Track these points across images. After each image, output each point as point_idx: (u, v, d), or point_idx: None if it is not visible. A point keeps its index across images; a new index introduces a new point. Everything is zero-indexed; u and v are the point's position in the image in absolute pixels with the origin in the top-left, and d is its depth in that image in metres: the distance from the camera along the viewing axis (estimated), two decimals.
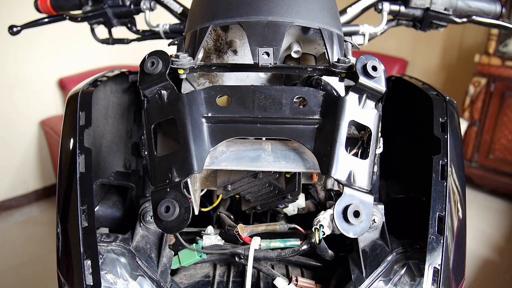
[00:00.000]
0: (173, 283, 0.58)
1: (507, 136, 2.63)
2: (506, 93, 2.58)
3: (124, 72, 0.81)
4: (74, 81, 2.53)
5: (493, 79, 2.60)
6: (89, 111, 0.63)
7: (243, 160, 0.53)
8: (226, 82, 0.65)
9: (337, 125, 0.47)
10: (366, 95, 0.49)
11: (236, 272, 0.64)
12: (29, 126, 2.58)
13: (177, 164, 0.47)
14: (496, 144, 2.67)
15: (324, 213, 0.55)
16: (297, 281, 0.59)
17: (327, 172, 0.46)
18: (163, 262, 0.58)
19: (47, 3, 0.88)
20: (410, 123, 0.75)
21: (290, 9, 0.55)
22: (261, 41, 0.51)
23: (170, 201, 0.45)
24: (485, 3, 0.85)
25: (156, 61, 0.49)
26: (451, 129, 0.63)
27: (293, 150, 0.53)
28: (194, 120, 0.48)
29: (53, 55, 2.57)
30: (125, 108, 0.78)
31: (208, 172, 0.65)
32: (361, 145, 0.56)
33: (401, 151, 0.73)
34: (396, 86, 0.82)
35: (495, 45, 2.58)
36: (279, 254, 0.60)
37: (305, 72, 0.54)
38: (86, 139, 0.58)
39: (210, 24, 0.54)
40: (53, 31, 1.39)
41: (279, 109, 0.49)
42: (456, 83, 3.14)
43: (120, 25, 0.92)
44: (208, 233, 0.65)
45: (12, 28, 0.91)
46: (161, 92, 0.49)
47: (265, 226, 0.65)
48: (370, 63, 0.49)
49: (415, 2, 0.84)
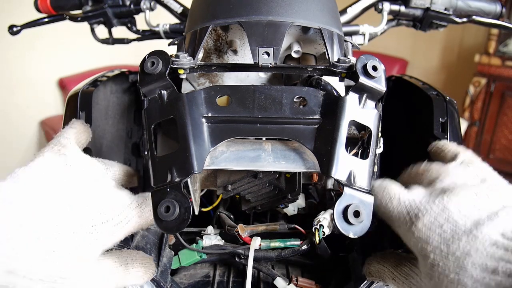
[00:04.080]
0: (173, 283, 0.58)
1: (507, 136, 2.63)
2: (506, 93, 2.58)
3: (124, 72, 0.81)
4: (74, 81, 2.53)
5: (493, 79, 2.60)
6: (89, 111, 0.63)
7: (243, 160, 0.53)
8: (226, 82, 0.65)
9: (337, 125, 0.47)
10: (366, 95, 0.49)
11: (236, 272, 0.64)
12: (29, 126, 2.58)
13: (177, 164, 0.47)
14: (496, 144, 2.67)
15: (324, 213, 0.55)
16: (297, 281, 0.59)
17: (327, 172, 0.46)
18: (163, 262, 0.58)
19: (47, 3, 0.88)
20: (410, 123, 0.75)
21: (290, 9, 0.55)
22: (261, 41, 0.51)
23: (170, 201, 0.45)
24: (485, 3, 0.85)
25: (156, 61, 0.49)
26: (451, 129, 0.63)
27: (293, 150, 0.53)
28: (194, 120, 0.48)
29: (53, 55, 2.57)
30: (125, 108, 0.78)
31: (208, 172, 0.65)
32: (361, 145, 0.56)
33: (401, 151, 0.73)
34: (396, 86, 0.82)
35: (495, 45, 2.58)
36: (279, 254, 0.60)
37: (305, 72, 0.54)
38: None
39: (210, 24, 0.54)
40: (53, 31, 1.39)
41: (279, 109, 0.49)
42: (456, 83, 3.14)
43: (120, 25, 0.92)
44: (208, 233, 0.65)
45: (12, 28, 0.91)
46: (161, 92, 0.49)
47: (265, 226, 0.65)
48: (370, 63, 0.49)
49: (415, 2, 0.84)
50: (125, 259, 0.47)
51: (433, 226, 0.42)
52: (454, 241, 0.40)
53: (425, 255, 0.42)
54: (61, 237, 0.39)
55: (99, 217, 0.44)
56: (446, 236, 0.41)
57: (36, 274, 0.36)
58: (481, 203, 0.42)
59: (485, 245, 0.38)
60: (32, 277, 0.36)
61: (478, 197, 0.43)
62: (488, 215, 0.40)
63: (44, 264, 0.37)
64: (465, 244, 0.39)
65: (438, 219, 0.42)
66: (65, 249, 0.39)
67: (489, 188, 0.44)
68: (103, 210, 0.44)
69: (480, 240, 0.38)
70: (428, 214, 0.43)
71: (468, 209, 0.42)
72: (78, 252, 0.40)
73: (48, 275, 0.37)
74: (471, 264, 0.37)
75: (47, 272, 0.37)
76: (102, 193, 0.47)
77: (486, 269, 0.36)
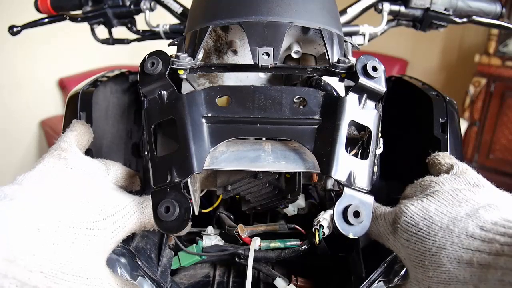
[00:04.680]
0: (173, 283, 0.58)
1: (507, 136, 2.63)
2: (506, 93, 2.58)
3: (124, 72, 0.81)
4: (74, 81, 2.53)
5: (493, 79, 2.60)
6: (90, 111, 0.63)
7: (243, 160, 0.53)
8: (226, 82, 0.65)
9: (337, 126, 0.47)
10: (366, 95, 0.49)
11: (236, 273, 0.64)
12: (29, 126, 2.58)
13: (177, 164, 0.47)
14: (496, 144, 2.67)
15: (324, 213, 0.55)
16: (297, 281, 0.59)
17: (327, 172, 0.47)
18: (163, 262, 0.58)
19: (47, 3, 0.88)
20: (410, 123, 0.75)
21: (290, 9, 0.55)
22: (261, 42, 0.51)
23: (170, 201, 0.45)
24: (485, 3, 0.85)
25: (156, 61, 0.49)
26: (451, 129, 0.63)
27: (293, 151, 0.53)
28: (194, 120, 0.48)
29: (53, 55, 2.57)
30: (125, 108, 0.78)
31: (208, 172, 0.65)
32: (361, 146, 0.56)
33: (401, 151, 0.73)
34: (396, 86, 0.82)
35: (495, 45, 2.58)
36: (279, 254, 0.60)
37: (305, 73, 0.54)
38: None
39: (210, 24, 0.54)
40: (53, 31, 1.39)
41: (279, 110, 0.49)
42: (456, 83, 3.13)
43: (120, 25, 0.92)
44: (208, 233, 0.65)
45: (12, 28, 0.91)
46: (161, 92, 0.49)
47: (265, 227, 0.65)
48: (370, 63, 0.49)
49: (415, 2, 0.84)
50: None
51: (409, 226, 0.42)
52: (430, 237, 0.39)
53: (408, 259, 0.41)
54: (61, 231, 0.39)
55: (100, 214, 0.44)
56: (422, 234, 0.40)
57: (36, 266, 0.36)
58: (461, 203, 0.41)
59: (461, 238, 0.37)
60: (32, 269, 0.35)
61: (458, 197, 0.42)
62: (467, 212, 0.39)
63: (44, 256, 0.37)
64: (440, 239, 0.38)
65: (415, 218, 0.42)
66: (65, 243, 0.39)
67: (472, 190, 0.43)
68: (104, 207, 0.45)
69: (456, 233, 0.38)
70: (405, 215, 0.43)
71: (447, 208, 0.41)
72: (78, 248, 0.40)
73: (49, 268, 0.37)
74: (447, 258, 0.37)
75: (47, 265, 0.37)
76: (103, 191, 0.47)
77: (461, 261, 0.36)
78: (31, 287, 0.35)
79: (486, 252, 0.35)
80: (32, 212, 0.38)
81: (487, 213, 0.38)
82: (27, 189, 0.41)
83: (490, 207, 0.39)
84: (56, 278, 0.37)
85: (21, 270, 0.35)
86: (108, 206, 0.45)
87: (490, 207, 0.39)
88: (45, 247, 0.37)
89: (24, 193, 0.40)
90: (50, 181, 0.44)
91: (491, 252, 0.34)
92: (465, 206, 0.41)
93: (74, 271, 0.39)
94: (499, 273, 0.32)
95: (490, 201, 0.41)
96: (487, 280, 0.33)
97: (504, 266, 0.32)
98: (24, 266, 0.35)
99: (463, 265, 0.36)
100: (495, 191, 0.44)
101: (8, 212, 0.37)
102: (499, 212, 0.38)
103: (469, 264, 0.35)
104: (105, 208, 0.45)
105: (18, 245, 0.35)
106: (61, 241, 0.39)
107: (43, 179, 0.44)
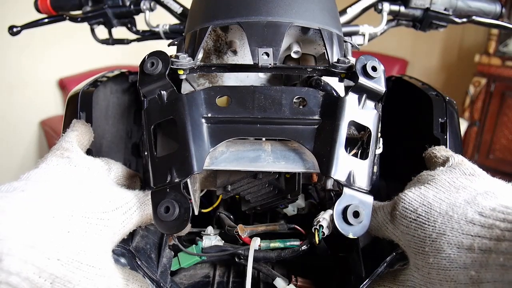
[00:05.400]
0: (173, 284, 0.58)
1: (507, 136, 2.63)
2: (506, 93, 2.58)
3: (124, 72, 0.81)
4: (74, 81, 2.53)
5: (493, 79, 2.60)
6: (90, 111, 0.63)
7: (243, 160, 0.53)
8: (226, 82, 0.65)
9: (337, 126, 0.47)
10: (366, 95, 0.49)
11: (236, 273, 0.64)
12: (29, 126, 2.58)
13: (177, 164, 0.47)
14: (496, 144, 2.67)
15: (324, 214, 0.55)
16: (297, 281, 0.59)
17: (326, 172, 0.47)
18: (163, 262, 0.58)
19: (47, 3, 0.88)
20: (410, 123, 0.75)
21: (289, 9, 0.55)
22: (260, 42, 0.51)
23: (170, 201, 0.45)
24: (485, 3, 0.85)
25: (156, 61, 0.49)
26: (451, 129, 0.63)
27: (293, 151, 0.53)
28: (194, 120, 0.48)
29: (53, 55, 2.57)
30: (125, 109, 0.78)
31: (208, 172, 0.65)
32: (361, 146, 0.56)
33: (401, 151, 0.73)
34: (396, 86, 0.82)
35: (495, 45, 2.58)
36: (279, 254, 0.60)
37: (305, 73, 0.54)
38: None
39: (209, 24, 0.54)
40: (53, 31, 1.39)
41: (279, 110, 0.49)
42: (456, 83, 3.13)
43: (120, 25, 0.92)
44: (208, 233, 0.65)
45: (12, 29, 0.91)
46: (161, 92, 0.49)
47: (265, 227, 0.65)
48: (369, 63, 0.49)
49: (415, 2, 0.84)
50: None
51: (407, 212, 0.42)
52: (430, 223, 0.39)
53: (408, 246, 0.42)
54: (75, 220, 0.40)
55: (109, 205, 0.45)
56: (421, 220, 0.40)
57: (53, 253, 0.36)
58: (458, 190, 0.41)
59: (461, 223, 0.37)
60: (50, 256, 0.36)
61: (456, 184, 0.42)
62: (465, 199, 0.40)
63: (61, 243, 0.37)
64: (440, 225, 0.38)
65: (413, 204, 0.42)
66: (79, 232, 0.40)
67: (468, 179, 0.43)
68: (112, 199, 0.46)
69: (455, 219, 0.38)
70: (403, 201, 0.43)
71: (445, 194, 0.41)
72: (91, 237, 0.41)
73: (65, 255, 0.37)
74: (447, 244, 0.37)
75: (64, 252, 0.37)
76: (109, 186, 0.48)
77: (462, 247, 0.36)
78: (48, 274, 0.35)
79: (486, 238, 0.35)
80: (45, 201, 0.39)
81: (485, 200, 0.39)
82: (36, 182, 0.42)
83: (488, 194, 0.39)
84: (71, 266, 0.38)
85: (40, 256, 0.35)
86: (116, 198, 0.46)
87: (488, 194, 0.40)
88: (61, 235, 0.38)
89: (34, 185, 0.41)
90: (57, 175, 0.45)
91: (492, 237, 0.34)
92: (463, 193, 0.41)
93: (88, 260, 0.39)
94: (501, 258, 0.33)
95: (487, 189, 0.41)
96: (488, 265, 0.33)
97: (506, 251, 0.33)
98: (43, 252, 0.35)
99: (464, 250, 0.36)
100: (491, 179, 0.45)
101: (22, 200, 0.38)
102: (497, 199, 0.39)
103: (470, 249, 0.35)
104: (113, 200, 0.46)
105: (36, 231, 0.36)
106: (75, 229, 0.39)
107: (48, 175, 0.44)
